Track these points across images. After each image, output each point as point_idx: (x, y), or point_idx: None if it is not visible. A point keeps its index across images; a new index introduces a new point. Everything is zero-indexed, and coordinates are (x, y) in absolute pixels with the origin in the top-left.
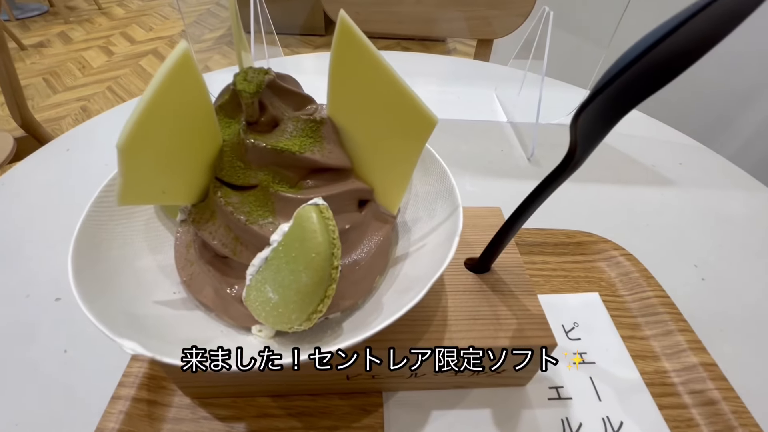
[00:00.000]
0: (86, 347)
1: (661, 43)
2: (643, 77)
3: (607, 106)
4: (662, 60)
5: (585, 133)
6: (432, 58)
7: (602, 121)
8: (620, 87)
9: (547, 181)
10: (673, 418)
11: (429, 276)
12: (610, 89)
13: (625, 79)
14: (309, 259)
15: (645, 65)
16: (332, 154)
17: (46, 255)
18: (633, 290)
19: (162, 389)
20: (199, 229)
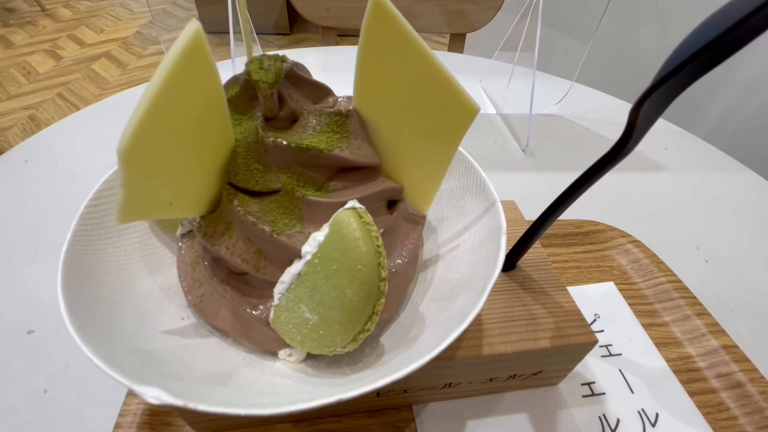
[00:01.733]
0: (69, 385)
1: (734, 31)
2: (701, 63)
3: (666, 90)
4: (722, 46)
5: (643, 120)
6: None
7: (659, 106)
8: (683, 72)
9: (593, 171)
10: (704, 404)
11: (474, 280)
12: (677, 76)
13: (690, 65)
14: (354, 272)
15: (712, 49)
16: (361, 150)
17: (11, 282)
18: (645, 277)
19: (166, 426)
20: (213, 245)
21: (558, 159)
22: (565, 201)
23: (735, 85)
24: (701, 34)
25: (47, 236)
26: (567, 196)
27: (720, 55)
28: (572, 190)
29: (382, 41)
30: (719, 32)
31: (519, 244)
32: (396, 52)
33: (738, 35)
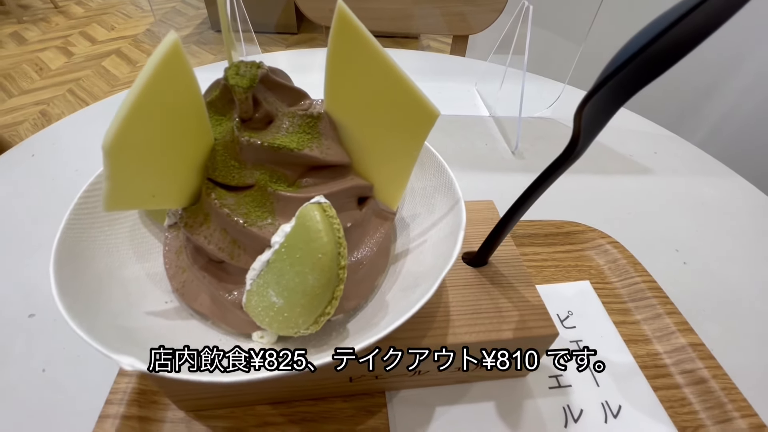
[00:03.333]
0: (66, 365)
1: (663, 36)
2: (643, 67)
3: (609, 95)
4: (662, 50)
5: (588, 123)
6: (411, 54)
7: (603, 111)
8: (623, 77)
9: (548, 172)
10: (667, 398)
11: (434, 271)
12: (615, 79)
13: (628, 70)
14: (315, 260)
15: (647, 56)
16: (331, 150)
17: (15, 269)
18: (621, 276)
19: (153, 404)
20: (192, 234)
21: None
22: (524, 203)
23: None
24: (642, 35)
25: (49, 228)
26: (525, 199)
27: (662, 57)
28: (529, 193)
29: (347, 50)
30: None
31: (488, 241)
32: (360, 60)
33: (663, 48)
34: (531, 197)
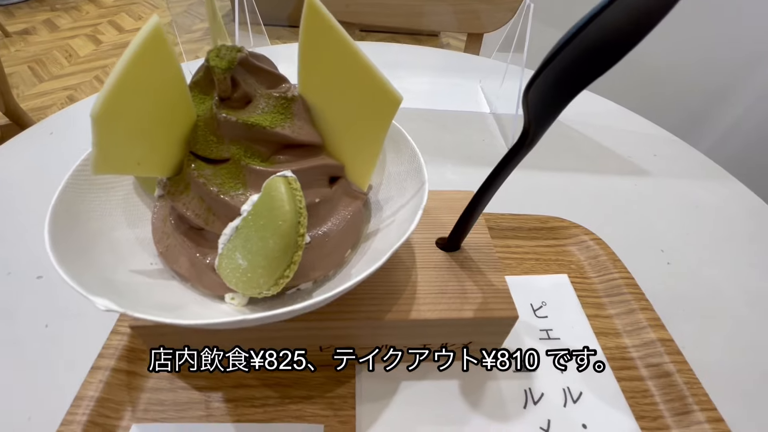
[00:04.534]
0: (67, 322)
1: (594, 20)
2: (586, 56)
3: (555, 83)
4: (601, 38)
5: (537, 111)
6: (420, 50)
7: (553, 100)
8: (566, 64)
9: (506, 161)
10: (629, 389)
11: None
12: (555, 65)
13: (569, 56)
14: (276, 227)
15: (585, 43)
16: (302, 130)
17: (28, 234)
18: (600, 272)
19: (141, 361)
20: (173, 201)
21: (541, 159)
22: (486, 191)
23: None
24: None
25: None
26: (486, 187)
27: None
28: (490, 181)
29: (317, 38)
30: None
31: (457, 227)
32: (329, 48)
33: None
34: (492, 185)
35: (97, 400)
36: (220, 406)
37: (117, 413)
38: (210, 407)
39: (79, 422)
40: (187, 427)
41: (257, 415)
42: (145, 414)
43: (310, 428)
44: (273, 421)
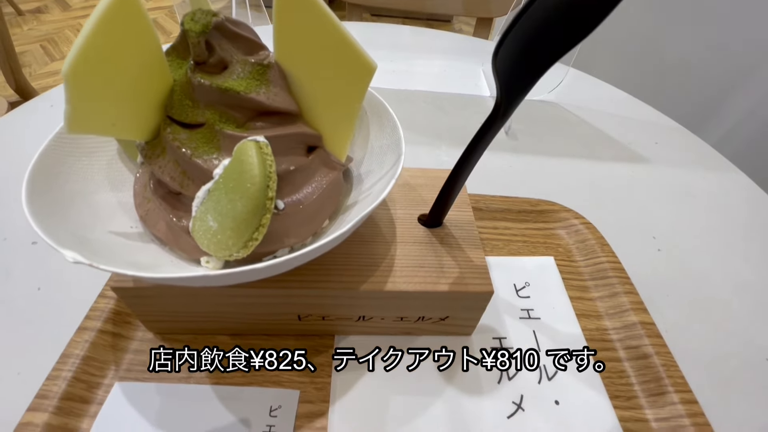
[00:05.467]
0: (59, 286)
1: None
2: (552, 23)
3: (524, 51)
4: (562, 6)
5: (507, 80)
6: (425, 33)
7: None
8: (532, 32)
9: (479, 135)
10: (606, 369)
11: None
12: (523, 27)
13: (535, 18)
14: (245, 189)
15: (548, 9)
16: (278, 97)
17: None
18: (587, 256)
19: (127, 324)
20: (150, 164)
21: (538, 144)
22: (462, 166)
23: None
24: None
25: None
26: (462, 162)
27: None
28: (466, 155)
29: (291, 5)
30: None
31: (437, 203)
32: (303, 15)
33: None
34: (468, 161)
35: (83, 358)
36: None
37: (101, 371)
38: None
39: (64, 378)
40: (167, 387)
41: (236, 379)
42: (128, 374)
43: (286, 393)
44: (251, 385)
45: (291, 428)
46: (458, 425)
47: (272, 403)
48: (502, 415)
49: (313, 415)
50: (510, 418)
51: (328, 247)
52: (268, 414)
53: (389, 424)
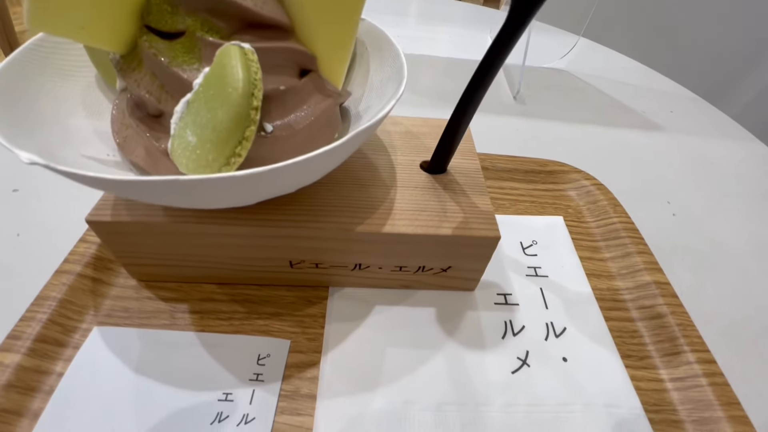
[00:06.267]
0: (38, 233)
1: None
2: None
3: None
4: None
5: None
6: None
7: None
8: None
9: (494, 51)
10: (617, 329)
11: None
12: None
13: None
14: (226, 95)
15: None
16: (267, 6)
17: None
18: (599, 217)
19: (108, 270)
20: (124, 77)
21: (547, 108)
22: (470, 99)
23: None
24: None
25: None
26: (469, 94)
27: None
28: (474, 83)
29: None
30: None
31: (442, 143)
32: None
33: None
34: (477, 89)
35: (60, 301)
36: (186, 316)
37: (79, 315)
38: (175, 317)
39: (39, 320)
40: (150, 333)
41: (223, 327)
42: (108, 319)
43: (275, 342)
44: (238, 333)
45: (280, 377)
46: (459, 377)
47: (260, 352)
48: (506, 370)
49: (303, 365)
50: (515, 373)
51: (325, 160)
52: (256, 362)
53: (385, 376)
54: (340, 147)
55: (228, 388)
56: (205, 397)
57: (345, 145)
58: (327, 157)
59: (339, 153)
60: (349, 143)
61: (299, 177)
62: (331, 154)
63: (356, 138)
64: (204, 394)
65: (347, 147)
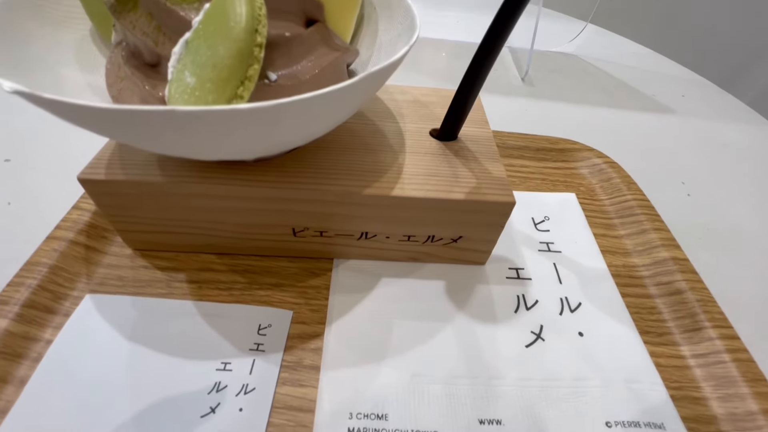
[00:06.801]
0: (29, 202)
1: None
2: None
3: None
4: None
5: None
6: None
7: None
8: None
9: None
10: (634, 305)
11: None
12: None
13: None
14: (228, 30)
15: None
16: None
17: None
18: (612, 195)
19: (102, 239)
20: (119, 19)
21: (556, 90)
22: (485, 56)
23: None
24: None
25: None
26: (485, 50)
27: None
28: (491, 36)
29: None
30: None
31: (452, 111)
32: None
33: None
34: (494, 43)
35: (50, 267)
36: (183, 285)
37: (70, 283)
38: (172, 286)
39: (28, 286)
40: (145, 301)
41: (222, 297)
42: (101, 287)
43: (277, 312)
44: (238, 303)
45: (282, 347)
46: (471, 351)
47: (261, 322)
48: (520, 344)
49: (307, 336)
50: (529, 347)
51: (337, 101)
52: (257, 332)
53: (393, 348)
54: (355, 85)
55: (227, 357)
56: (202, 367)
57: (360, 85)
58: (339, 96)
59: (352, 94)
60: (364, 82)
61: (306, 120)
62: (344, 94)
63: (372, 79)
64: (201, 363)
65: (362, 87)
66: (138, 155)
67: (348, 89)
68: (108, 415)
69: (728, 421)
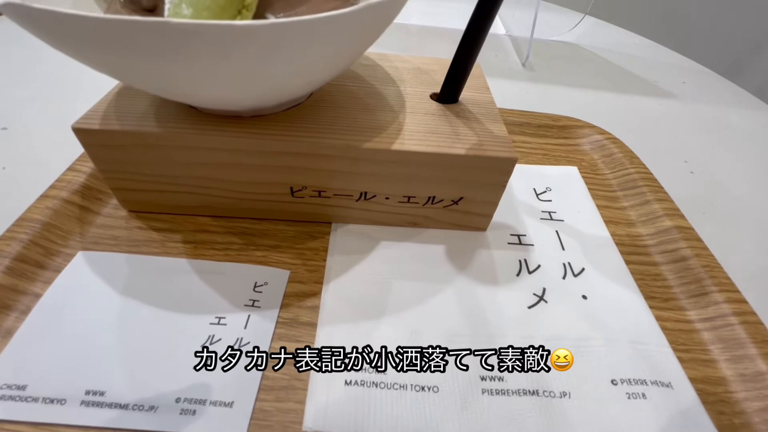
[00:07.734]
0: (24, 167)
1: None
2: None
3: None
4: None
5: None
6: None
7: None
8: None
9: None
10: (639, 272)
11: None
12: None
13: None
14: None
15: None
16: None
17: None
18: (615, 169)
19: (97, 200)
20: None
21: (557, 75)
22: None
23: None
24: None
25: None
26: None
27: None
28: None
29: None
30: None
31: (452, 72)
32: None
33: None
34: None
35: (43, 224)
36: (178, 245)
37: (63, 240)
38: (167, 246)
39: (19, 240)
40: (139, 258)
41: (217, 257)
42: (95, 246)
43: (274, 271)
44: (234, 263)
45: (278, 305)
46: (472, 310)
47: (257, 280)
48: (522, 305)
49: (304, 294)
50: (531, 308)
51: (344, 28)
52: (252, 289)
53: (391, 306)
54: (359, 13)
55: (221, 312)
56: (196, 320)
57: (364, 14)
58: (342, 22)
59: (356, 22)
60: (368, 11)
61: (307, 51)
62: (348, 20)
63: (382, 8)
64: (195, 317)
65: (367, 17)
66: (134, 107)
67: (352, 15)
68: (97, 365)
69: (737, 382)
